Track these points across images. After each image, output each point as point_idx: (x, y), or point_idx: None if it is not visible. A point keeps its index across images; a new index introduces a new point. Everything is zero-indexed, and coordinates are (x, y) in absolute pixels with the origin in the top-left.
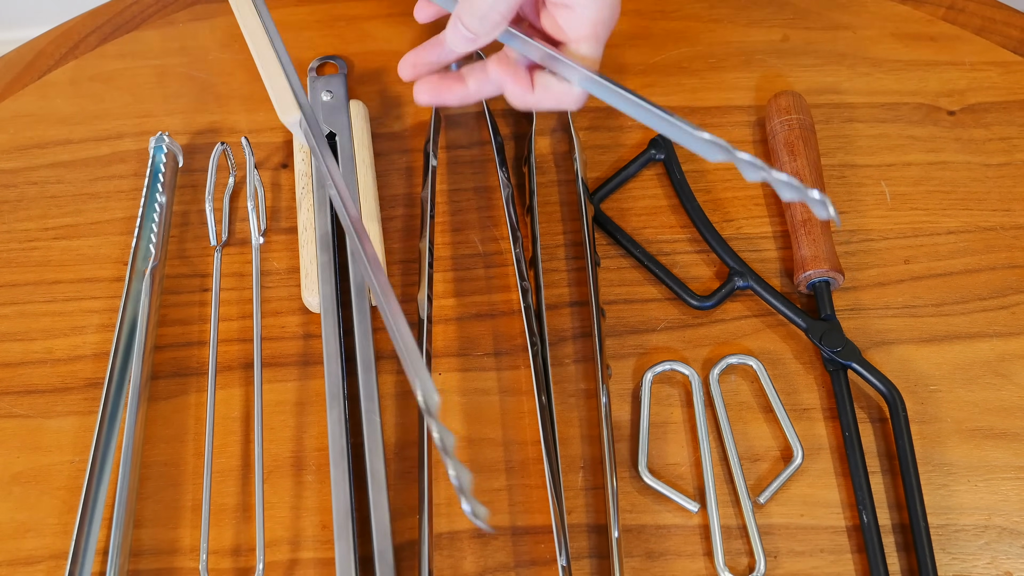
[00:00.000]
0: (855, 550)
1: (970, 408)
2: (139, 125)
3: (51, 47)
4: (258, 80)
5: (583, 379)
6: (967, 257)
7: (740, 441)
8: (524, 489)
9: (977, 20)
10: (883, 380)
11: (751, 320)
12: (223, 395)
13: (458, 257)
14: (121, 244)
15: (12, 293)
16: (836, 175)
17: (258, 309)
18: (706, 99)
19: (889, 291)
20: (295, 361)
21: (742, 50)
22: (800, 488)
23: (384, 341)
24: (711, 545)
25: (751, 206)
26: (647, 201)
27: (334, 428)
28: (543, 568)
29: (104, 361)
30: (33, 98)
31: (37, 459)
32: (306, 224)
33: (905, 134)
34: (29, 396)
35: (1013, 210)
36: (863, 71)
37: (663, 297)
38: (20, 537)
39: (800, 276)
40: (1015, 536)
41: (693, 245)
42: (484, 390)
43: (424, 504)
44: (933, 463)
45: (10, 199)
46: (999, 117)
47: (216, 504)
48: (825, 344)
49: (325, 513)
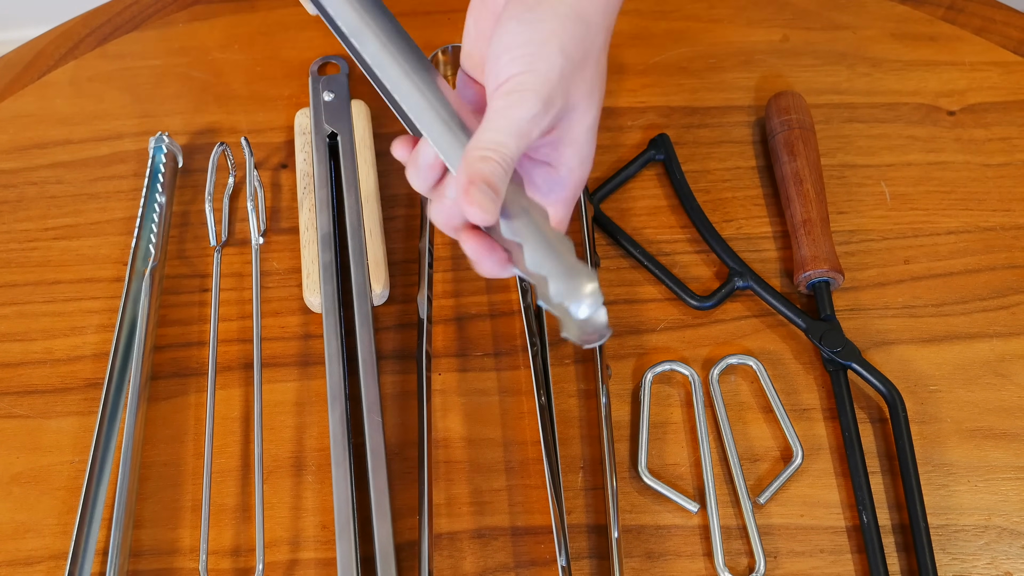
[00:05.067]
0: (855, 550)
1: (970, 408)
2: (139, 125)
3: (51, 47)
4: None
5: (583, 379)
6: (967, 257)
7: (740, 441)
8: (524, 489)
9: (977, 20)
10: (883, 380)
11: (751, 320)
12: (223, 395)
13: (458, 257)
14: (121, 244)
15: (12, 293)
16: (836, 175)
17: (258, 309)
18: (706, 99)
19: (889, 291)
20: (295, 361)
21: (742, 50)
22: (800, 488)
23: (384, 341)
24: (711, 545)
25: (751, 206)
26: (647, 201)
27: (336, 428)
28: (543, 568)
29: (104, 361)
30: (33, 98)
31: (37, 459)
32: (307, 224)
33: (905, 134)
34: (29, 396)
35: (1013, 210)
36: (863, 71)
37: (663, 297)
38: (20, 537)
39: (800, 276)
40: (1015, 536)
41: (693, 245)
42: (484, 390)
43: (424, 504)
44: (933, 463)
45: (10, 199)
46: (999, 117)
47: (216, 504)
48: (825, 344)
49: (325, 513)
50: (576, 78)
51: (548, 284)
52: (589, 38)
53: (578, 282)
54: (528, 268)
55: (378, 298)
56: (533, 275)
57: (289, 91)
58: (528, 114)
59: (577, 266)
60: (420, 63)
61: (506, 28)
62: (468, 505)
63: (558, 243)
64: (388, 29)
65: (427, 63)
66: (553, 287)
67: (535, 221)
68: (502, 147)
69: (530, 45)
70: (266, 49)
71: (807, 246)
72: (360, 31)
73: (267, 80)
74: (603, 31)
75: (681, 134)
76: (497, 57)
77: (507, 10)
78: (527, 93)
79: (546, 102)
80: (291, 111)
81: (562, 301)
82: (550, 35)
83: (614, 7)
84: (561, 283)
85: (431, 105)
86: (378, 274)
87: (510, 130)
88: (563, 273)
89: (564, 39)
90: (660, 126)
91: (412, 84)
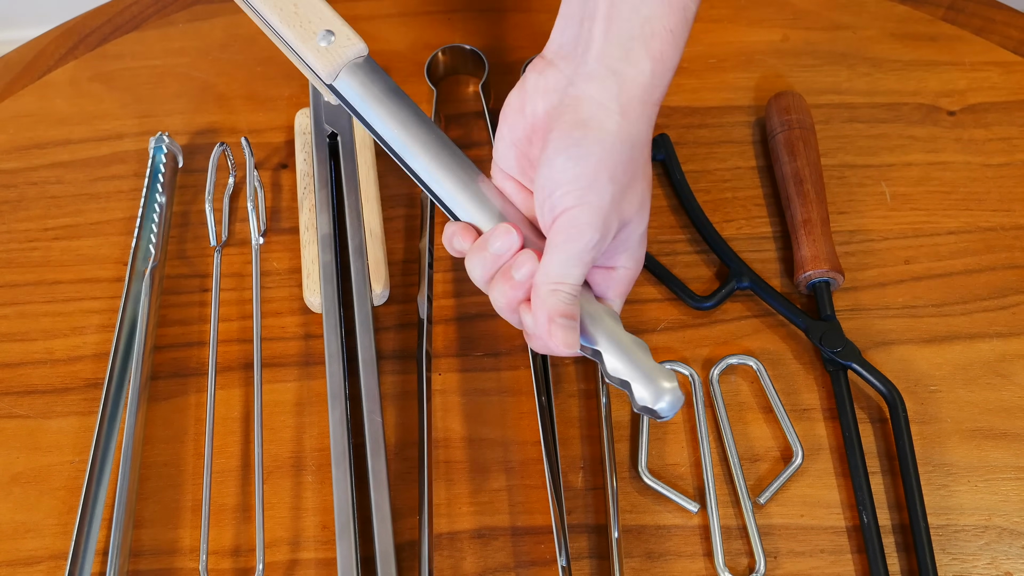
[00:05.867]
0: (855, 550)
1: (970, 408)
2: (139, 125)
3: (51, 47)
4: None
5: (583, 379)
6: (967, 257)
7: (740, 441)
8: (524, 489)
9: (977, 20)
10: (883, 380)
11: (751, 320)
12: (223, 395)
13: (458, 257)
14: (121, 244)
15: (12, 293)
16: (836, 175)
17: (258, 309)
18: (706, 99)
19: (889, 291)
20: (295, 361)
21: (742, 50)
22: (800, 488)
23: (384, 341)
24: (711, 545)
25: (751, 206)
26: None
27: (336, 428)
28: (543, 568)
29: (104, 361)
30: (33, 98)
31: (37, 459)
32: (307, 224)
33: (905, 134)
34: (29, 396)
35: (1013, 210)
36: (863, 71)
37: (663, 297)
38: (20, 537)
39: (800, 276)
40: (1015, 536)
41: (693, 245)
42: (484, 390)
43: (424, 504)
44: (933, 463)
45: (10, 199)
46: (999, 117)
47: (216, 504)
48: (825, 344)
49: (325, 513)
50: (627, 197)
51: (631, 388)
52: (636, 158)
53: (658, 386)
54: (610, 374)
55: (378, 298)
56: (615, 380)
57: (289, 91)
58: (587, 245)
59: (655, 370)
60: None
61: (554, 164)
62: (468, 505)
63: (634, 348)
64: (433, 140)
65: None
66: (636, 392)
67: (609, 328)
68: (568, 277)
69: (581, 180)
70: (266, 49)
71: (807, 246)
72: (408, 148)
73: (267, 80)
74: (647, 144)
75: (681, 134)
76: (549, 193)
77: (553, 143)
78: (583, 227)
79: (602, 231)
80: (291, 111)
81: (646, 404)
82: (599, 166)
83: (653, 114)
84: (643, 388)
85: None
86: (378, 274)
87: (572, 261)
88: (643, 378)
89: (612, 167)
90: (660, 126)
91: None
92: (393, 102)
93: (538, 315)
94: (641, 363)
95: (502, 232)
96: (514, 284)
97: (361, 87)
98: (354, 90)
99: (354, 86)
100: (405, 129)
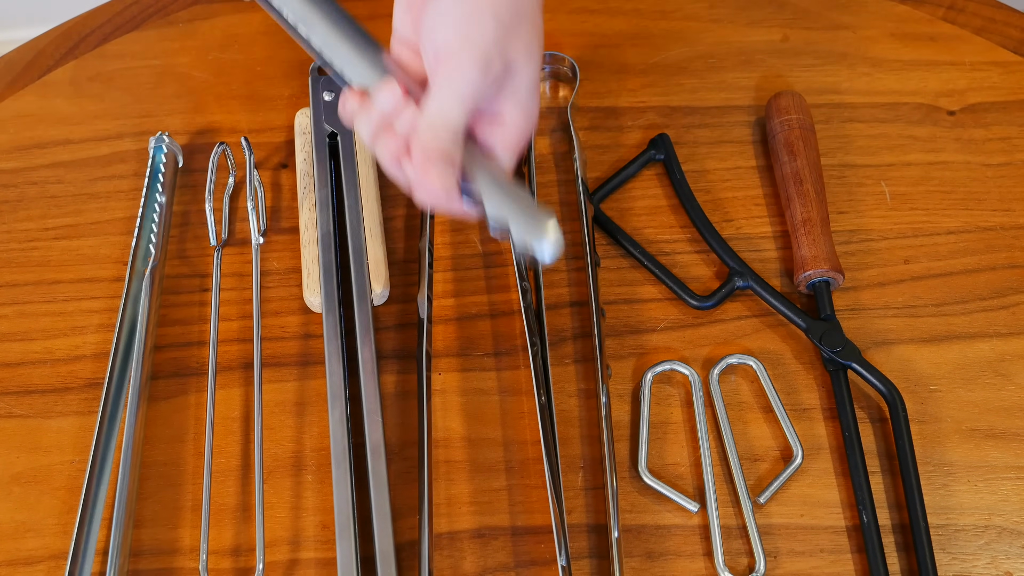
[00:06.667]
0: (855, 550)
1: (970, 408)
2: (139, 125)
3: (51, 47)
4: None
5: (583, 379)
6: (967, 257)
7: (740, 441)
8: (524, 489)
9: (977, 20)
10: (883, 380)
11: (751, 320)
12: (223, 395)
13: (458, 257)
14: (121, 244)
15: (12, 293)
16: (836, 175)
17: (258, 309)
18: (706, 99)
19: (889, 291)
20: (295, 361)
21: (742, 50)
22: (800, 488)
23: (384, 341)
24: (711, 545)
25: (751, 206)
26: (647, 201)
27: (336, 428)
28: (543, 568)
29: (104, 361)
30: (33, 98)
31: (37, 459)
32: (307, 224)
33: (905, 134)
34: (29, 396)
35: (1013, 210)
36: (863, 71)
37: (663, 297)
38: (20, 537)
39: (800, 276)
40: (1015, 536)
41: (693, 245)
42: (484, 390)
43: (424, 504)
44: (933, 463)
45: (10, 199)
46: (999, 117)
47: (216, 504)
48: (825, 344)
49: (325, 513)
50: (512, 39)
51: (511, 231)
52: (521, 1)
53: (538, 226)
54: (492, 224)
55: (378, 298)
56: (498, 230)
57: (289, 91)
58: (466, 81)
59: (536, 211)
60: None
61: (439, 6)
62: (468, 505)
63: (516, 192)
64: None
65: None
66: (515, 233)
67: (491, 174)
68: (448, 116)
69: (462, 18)
70: (266, 49)
71: (807, 246)
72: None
73: (267, 80)
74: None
75: (681, 134)
76: (432, 30)
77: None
78: (464, 64)
79: (483, 67)
80: (291, 111)
81: (525, 245)
82: (481, 3)
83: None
84: (522, 229)
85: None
86: (378, 274)
87: (452, 99)
88: (522, 219)
89: (496, 6)
90: (660, 126)
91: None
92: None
93: (416, 157)
94: (522, 205)
95: (384, 86)
96: (395, 136)
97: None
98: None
99: None
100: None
